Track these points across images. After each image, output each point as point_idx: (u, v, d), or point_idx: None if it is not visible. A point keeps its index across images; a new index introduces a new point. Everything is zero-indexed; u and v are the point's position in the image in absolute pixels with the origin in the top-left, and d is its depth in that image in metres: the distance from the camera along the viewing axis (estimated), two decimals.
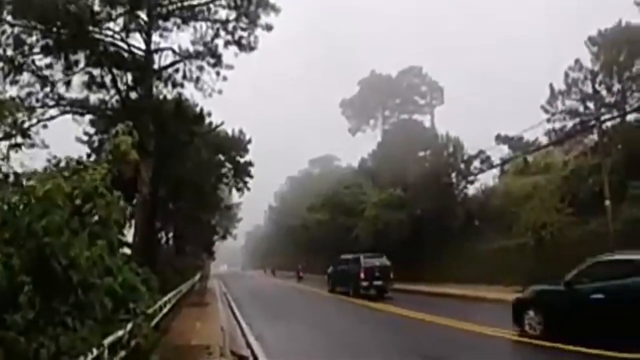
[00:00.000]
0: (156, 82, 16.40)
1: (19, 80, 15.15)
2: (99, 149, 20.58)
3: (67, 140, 20.20)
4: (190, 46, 16.96)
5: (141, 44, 15.68)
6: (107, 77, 13.77)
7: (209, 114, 21.91)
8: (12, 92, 14.96)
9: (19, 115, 12.91)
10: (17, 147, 6.51)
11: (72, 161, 5.06)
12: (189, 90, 17.72)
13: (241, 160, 24.94)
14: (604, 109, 25.16)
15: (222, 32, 16.95)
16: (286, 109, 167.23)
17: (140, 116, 12.44)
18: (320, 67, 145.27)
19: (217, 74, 17.04)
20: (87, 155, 20.54)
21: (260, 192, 43.31)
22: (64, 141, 19.75)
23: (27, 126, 15.41)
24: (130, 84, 13.98)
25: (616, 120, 24.12)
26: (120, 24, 15.15)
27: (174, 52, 16.56)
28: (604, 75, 25.32)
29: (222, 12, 17.12)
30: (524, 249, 19.39)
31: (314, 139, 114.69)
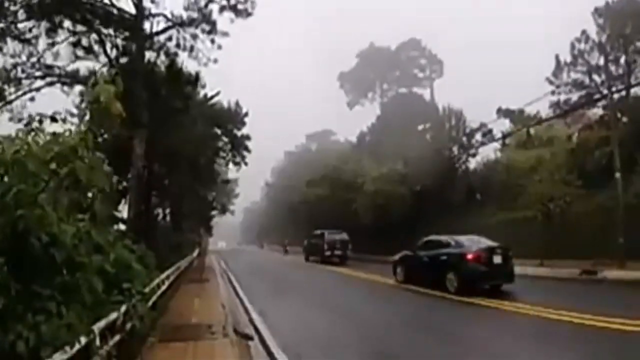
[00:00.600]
0: (149, 52, 15.56)
1: (3, 49, 14.32)
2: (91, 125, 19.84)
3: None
4: (183, 12, 16.03)
5: (132, 9, 14.73)
6: (95, 43, 12.85)
7: (204, 85, 21.18)
8: None
9: None
10: None
11: (46, 119, 4.37)
12: (183, 60, 16.97)
13: (238, 133, 24.22)
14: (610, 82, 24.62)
15: None
16: (282, 83, 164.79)
17: (131, 82, 11.65)
18: (317, 40, 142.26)
19: (212, 42, 16.12)
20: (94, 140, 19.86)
21: (257, 168, 42.94)
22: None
23: (13, 98, 14.71)
24: (120, 48, 13.08)
25: (621, 93, 23.50)
26: None
27: (166, 19, 15.60)
28: (609, 47, 24.61)
29: None
30: (531, 222, 18.99)
31: (311, 113, 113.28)
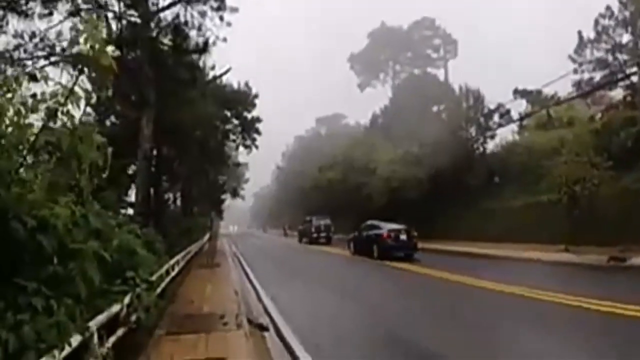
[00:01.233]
0: (155, 30, 14.86)
1: (5, 30, 13.75)
2: (99, 107, 19.29)
3: None
4: None
5: None
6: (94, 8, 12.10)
7: (213, 67, 20.49)
8: None
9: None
10: None
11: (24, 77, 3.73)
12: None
13: (248, 115, 23.55)
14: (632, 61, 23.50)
15: None
16: (291, 66, 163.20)
17: (135, 58, 11.05)
18: (327, 22, 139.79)
19: (221, 19, 15.33)
20: (95, 120, 19.33)
21: (266, 152, 42.63)
22: None
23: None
24: (122, 20, 12.34)
25: None
26: None
27: None
28: (632, 24, 23.37)
29: None
30: (554, 206, 18.19)
31: (321, 97, 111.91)
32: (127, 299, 5.03)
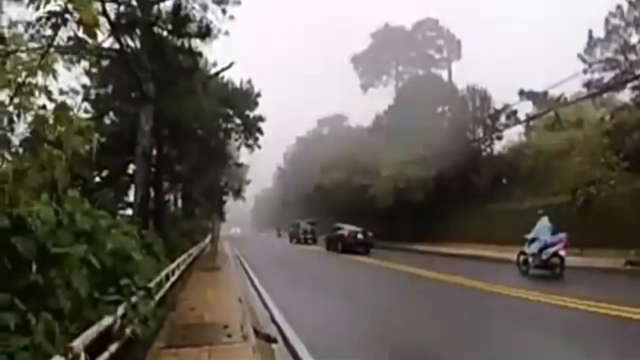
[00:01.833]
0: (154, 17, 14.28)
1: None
2: (98, 104, 18.77)
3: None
4: None
5: None
6: None
7: (215, 64, 19.93)
8: None
9: None
10: None
11: None
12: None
13: (250, 114, 22.99)
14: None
15: None
16: (292, 68, 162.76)
17: (132, 33, 10.48)
18: (328, 23, 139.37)
19: (223, 12, 14.81)
20: (84, 111, 18.80)
21: (267, 154, 42.42)
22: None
23: None
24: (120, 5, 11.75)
25: None
26: None
27: None
28: None
29: None
30: (566, 208, 17.62)
31: (322, 98, 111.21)
32: (121, 310, 4.48)
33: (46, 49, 3.08)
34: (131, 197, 14.86)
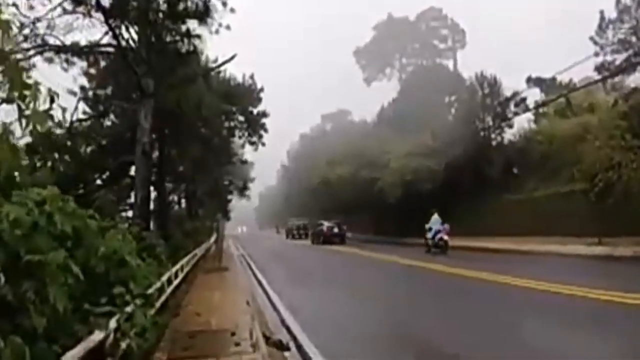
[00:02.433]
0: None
1: None
2: (97, 104, 18.30)
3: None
4: None
5: None
6: None
7: (215, 60, 19.36)
8: None
9: None
10: None
11: None
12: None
13: (254, 110, 22.42)
14: None
15: None
16: (294, 64, 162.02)
17: (126, 18, 9.93)
18: (330, 20, 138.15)
19: (224, 5, 14.21)
20: (84, 113, 18.35)
21: (271, 151, 42.13)
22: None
23: None
24: None
25: None
26: None
27: None
28: None
29: None
30: (582, 195, 16.97)
31: (325, 95, 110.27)
32: (113, 323, 3.96)
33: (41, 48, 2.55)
34: (133, 198, 14.43)
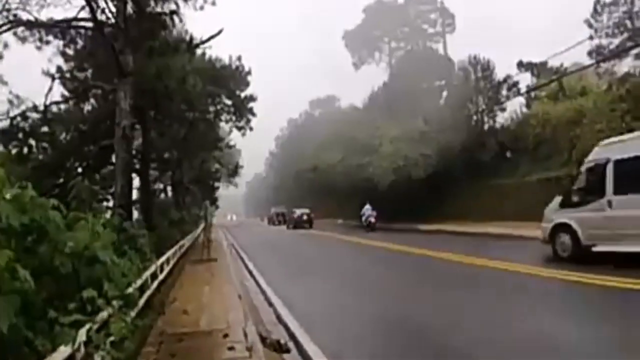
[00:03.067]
0: None
1: None
2: (75, 87, 17.26)
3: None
4: None
5: None
6: None
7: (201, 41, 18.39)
8: None
9: None
10: None
11: None
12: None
13: (241, 94, 21.53)
14: None
15: None
16: (283, 54, 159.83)
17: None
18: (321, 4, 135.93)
19: None
20: (62, 97, 17.33)
21: (258, 139, 41.59)
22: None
23: None
24: None
25: None
26: None
27: None
28: None
29: None
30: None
31: (312, 81, 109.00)
32: (82, 334, 3.30)
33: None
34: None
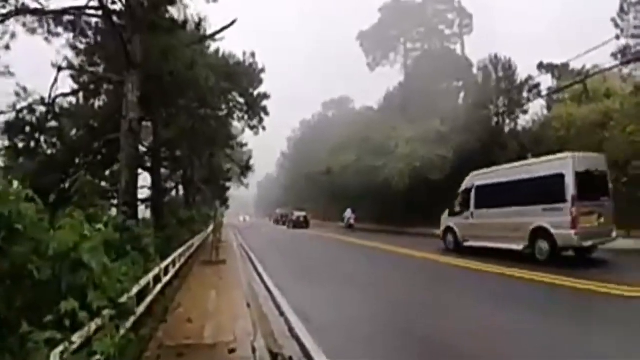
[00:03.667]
0: None
1: None
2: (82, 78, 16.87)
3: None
4: None
5: None
6: None
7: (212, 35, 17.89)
8: None
9: None
10: None
11: None
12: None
13: (254, 92, 21.00)
14: None
15: None
16: (297, 54, 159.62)
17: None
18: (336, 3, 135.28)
19: None
20: (73, 91, 16.96)
21: (271, 139, 41.26)
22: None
23: None
24: None
25: None
26: None
27: None
28: None
29: None
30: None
31: (326, 81, 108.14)
32: (56, 355, 2.73)
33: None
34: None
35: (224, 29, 12.18)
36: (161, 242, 10.43)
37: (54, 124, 16.06)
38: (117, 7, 11.01)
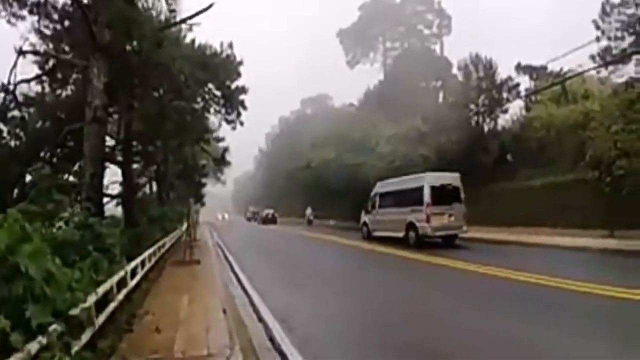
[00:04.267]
0: None
1: None
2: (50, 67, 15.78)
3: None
4: None
5: None
6: None
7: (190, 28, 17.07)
8: None
9: None
10: None
11: None
12: None
13: (232, 85, 20.20)
14: None
15: None
16: (273, 51, 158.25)
17: None
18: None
19: None
20: (36, 76, 15.83)
21: (249, 136, 40.50)
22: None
23: None
24: None
25: None
26: None
27: None
28: None
29: None
30: (584, 185, 15.94)
31: (305, 79, 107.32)
32: None
33: None
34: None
35: (199, 13, 11.42)
36: (129, 241, 9.69)
37: (17, 113, 15.03)
38: None
